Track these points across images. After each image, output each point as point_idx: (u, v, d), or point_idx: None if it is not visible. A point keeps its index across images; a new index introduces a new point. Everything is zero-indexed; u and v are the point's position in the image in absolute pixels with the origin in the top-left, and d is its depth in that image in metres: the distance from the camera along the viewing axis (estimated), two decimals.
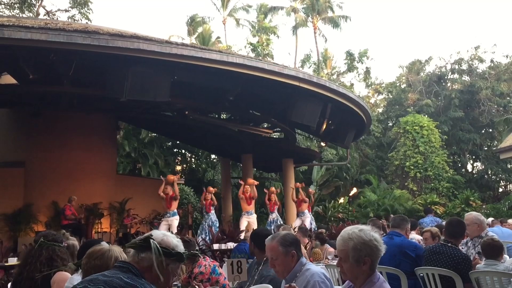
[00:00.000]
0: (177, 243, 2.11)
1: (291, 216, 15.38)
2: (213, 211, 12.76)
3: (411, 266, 4.56)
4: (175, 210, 11.87)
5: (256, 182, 13.66)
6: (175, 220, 11.78)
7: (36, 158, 13.83)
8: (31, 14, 23.74)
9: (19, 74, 10.77)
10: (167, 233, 2.14)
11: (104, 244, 3.04)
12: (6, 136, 14.68)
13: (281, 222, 12.88)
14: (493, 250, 4.32)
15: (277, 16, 36.73)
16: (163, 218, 11.95)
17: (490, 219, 10.18)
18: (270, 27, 34.08)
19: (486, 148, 30.59)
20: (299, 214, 13.89)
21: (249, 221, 12.85)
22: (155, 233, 2.09)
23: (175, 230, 11.48)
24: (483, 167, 30.88)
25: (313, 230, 12.14)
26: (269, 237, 3.24)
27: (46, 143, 13.91)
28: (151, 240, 2.02)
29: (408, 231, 5.24)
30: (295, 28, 35.31)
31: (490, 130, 30.94)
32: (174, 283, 4.36)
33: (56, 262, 2.93)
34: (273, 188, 14.26)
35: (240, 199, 13.13)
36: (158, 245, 2.01)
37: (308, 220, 13.59)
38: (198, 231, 12.68)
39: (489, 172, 30.28)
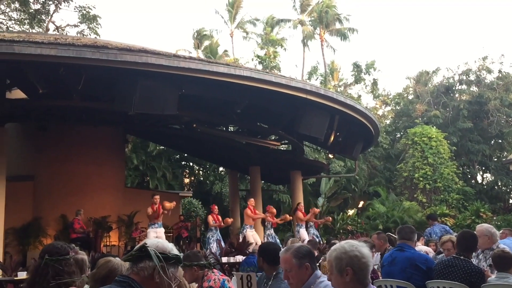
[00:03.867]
0: (172, 247, 2.12)
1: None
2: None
3: (422, 279, 4.50)
4: (161, 222, 11.77)
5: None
6: (163, 233, 11.67)
7: (45, 171, 13.91)
8: (41, 30, 24.06)
9: (29, 89, 10.88)
10: (158, 240, 2.15)
11: (117, 259, 3.05)
12: (15, 150, 14.78)
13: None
14: (504, 262, 4.25)
15: (284, 29, 37.03)
16: (150, 228, 11.59)
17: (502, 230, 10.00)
18: (277, 39, 34.28)
19: (495, 159, 30.37)
20: (302, 225, 13.95)
21: (251, 234, 12.87)
22: (149, 241, 2.09)
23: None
24: (493, 178, 30.61)
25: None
26: (283, 249, 3.26)
27: (54, 157, 13.99)
28: (149, 248, 2.02)
29: (415, 243, 5.19)
30: (305, 41, 35.50)
31: (500, 141, 30.74)
32: None
33: (64, 278, 2.92)
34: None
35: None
36: (156, 252, 2.02)
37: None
38: (206, 245, 12.57)
39: (499, 183, 30.01)
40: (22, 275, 7.89)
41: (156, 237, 11.03)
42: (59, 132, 14.05)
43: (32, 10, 23.84)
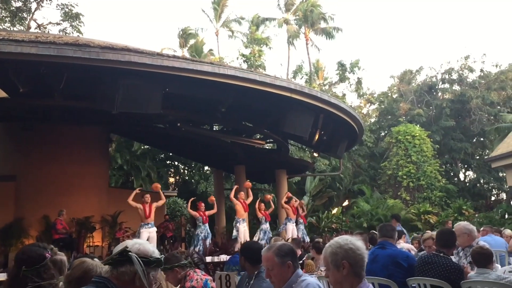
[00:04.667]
0: (153, 249, 2.10)
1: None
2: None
3: (403, 276, 4.54)
4: (153, 222, 11.57)
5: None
6: (154, 232, 11.53)
7: (27, 171, 13.72)
8: (22, 28, 23.71)
9: (10, 88, 10.66)
10: (139, 241, 2.12)
11: (95, 260, 3.01)
12: None
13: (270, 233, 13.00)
14: (483, 258, 4.31)
15: (269, 27, 37.03)
16: (143, 229, 11.37)
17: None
18: (262, 38, 34.28)
19: (477, 157, 30.78)
20: (292, 220, 13.91)
21: (243, 230, 12.84)
22: (129, 244, 2.06)
23: (154, 243, 11.19)
24: (475, 176, 31.05)
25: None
26: (265, 247, 3.26)
27: (37, 157, 13.81)
28: (130, 253, 1.99)
29: (396, 241, 5.24)
30: (289, 40, 35.56)
31: (482, 139, 31.17)
32: None
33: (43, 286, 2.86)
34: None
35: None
36: (137, 257, 1.99)
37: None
38: (194, 242, 12.44)
39: (481, 181, 30.44)
40: (3, 276, 7.77)
41: (149, 237, 11.08)
42: (42, 132, 13.86)
43: (13, 8, 23.48)
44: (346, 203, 22.69)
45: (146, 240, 10.41)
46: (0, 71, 9.20)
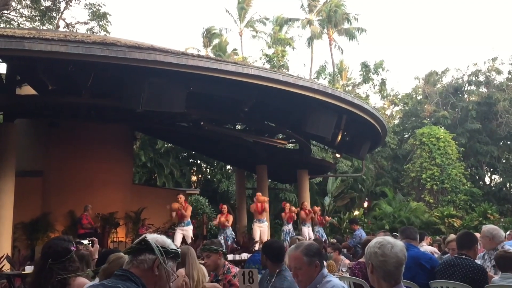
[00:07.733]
0: (170, 241, 2.16)
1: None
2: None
3: (426, 278, 4.51)
4: (189, 220, 11.93)
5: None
6: (190, 230, 11.84)
7: (54, 167, 14.01)
8: (51, 27, 24.20)
9: (39, 85, 10.98)
10: (157, 235, 2.18)
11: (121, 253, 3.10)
12: (25, 145, 14.90)
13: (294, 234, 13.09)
14: (507, 262, 4.25)
15: (293, 28, 37.00)
16: (177, 227, 11.91)
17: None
18: (286, 38, 34.23)
19: (504, 161, 30.17)
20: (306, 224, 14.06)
21: (260, 229, 12.99)
22: (149, 235, 2.13)
23: (189, 240, 11.50)
24: (501, 179, 30.43)
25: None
26: (293, 246, 3.27)
27: (63, 153, 14.09)
28: (150, 241, 2.05)
29: (419, 243, 5.22)
30: (310, 40, 35.45)
31: (508, 142, 30.54)
32: None
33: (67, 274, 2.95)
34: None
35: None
36: (157, 244, 2.05)
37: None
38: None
39: (507, 185, 29.82)
40: (30, 269, 7.97)
41: (183, 235, 11.54)
42: (69, 128, 14.15)
43: (43, 7, 23.99)
44: (366, 205, 22.54)
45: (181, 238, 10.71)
46: (30, 69, 9.46)
